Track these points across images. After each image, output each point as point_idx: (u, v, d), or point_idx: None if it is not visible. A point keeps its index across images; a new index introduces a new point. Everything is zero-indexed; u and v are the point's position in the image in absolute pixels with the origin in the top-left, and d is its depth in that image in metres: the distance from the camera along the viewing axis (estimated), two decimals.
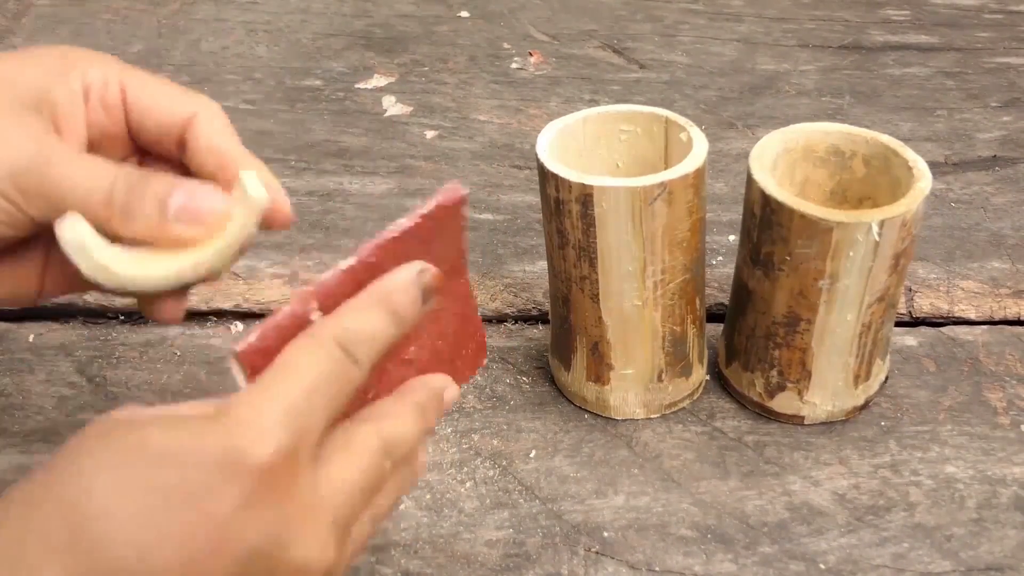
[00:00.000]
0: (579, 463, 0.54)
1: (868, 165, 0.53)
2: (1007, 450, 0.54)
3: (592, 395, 0.56)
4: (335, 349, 0.32)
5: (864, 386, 0.55)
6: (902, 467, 0.53)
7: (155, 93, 0.39)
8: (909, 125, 0.84)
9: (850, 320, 0.51)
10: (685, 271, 0.52)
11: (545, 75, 0.92)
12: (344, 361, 0.33)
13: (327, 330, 0.33)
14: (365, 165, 0.79)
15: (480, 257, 0.69)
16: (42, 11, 1.02)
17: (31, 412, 0.56)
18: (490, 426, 0.56)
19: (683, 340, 0.54)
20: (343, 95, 0.88)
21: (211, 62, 0.93)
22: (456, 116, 0.86)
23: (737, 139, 0.82)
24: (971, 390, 0.58)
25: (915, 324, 0.63)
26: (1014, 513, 0.51)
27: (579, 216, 0.48)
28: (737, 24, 1.02)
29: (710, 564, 0.48)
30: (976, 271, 0.67)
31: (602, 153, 0.55)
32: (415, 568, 0.48)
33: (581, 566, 0.48)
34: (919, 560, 0.48)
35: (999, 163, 0.79)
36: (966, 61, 0.94)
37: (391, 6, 1.05)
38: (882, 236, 0.47)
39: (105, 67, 0.38)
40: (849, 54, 0.96)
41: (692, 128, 0.51)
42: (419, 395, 0.37)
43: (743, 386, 0.56)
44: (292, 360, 0.32)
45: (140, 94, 0.38)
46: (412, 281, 0.35)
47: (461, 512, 0.51)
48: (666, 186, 0.47)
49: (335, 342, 0.32)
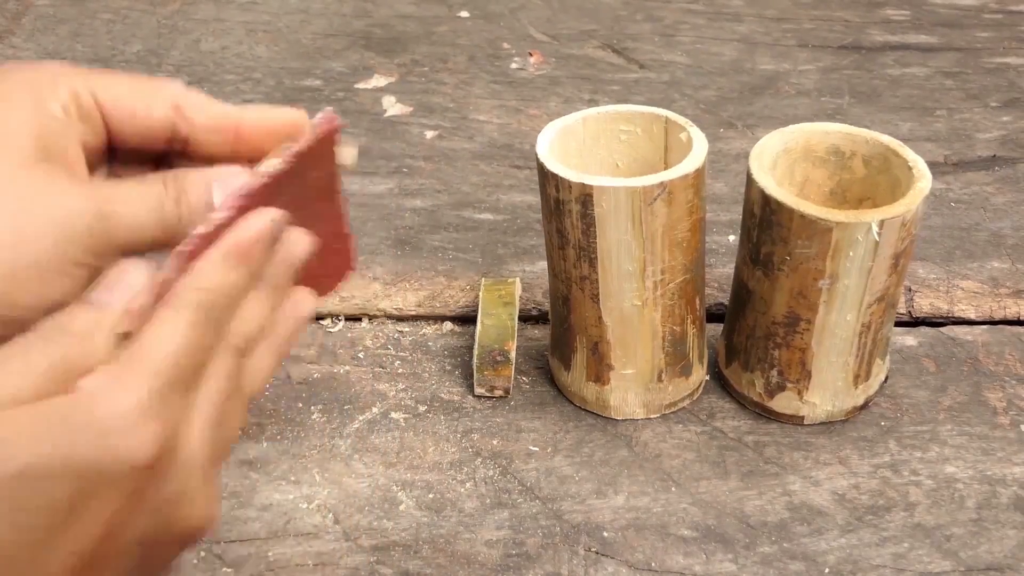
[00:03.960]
0: (579, 463, 0.54)
1: (868, 165, 0.53)
2: (1007, 450, 0.54)
3: (592, 395, 0.56)
4: (195, 314, 0.32)
5: (864, 386, 0.55)
6: (902, 467, 0.53)
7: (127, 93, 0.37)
8: (909, 125, 0.84)
9: (850, 320, 0.51)
10: (685, 271, 0.52)
11: (545, 75, 0.92)
12: (205, 325, 0.32)
13: (185, 296, 0.32)
14: (365, 165, 0.79)
15: (480, 257, 0.69)
16: (42, 11, 1.02)
17: None
18: (490, 426, 0.56)
19: (683, 340, 0.54)
20: (343, 95, 0.88)
21: (211, 62, 0.93)
22: (456, 116, 0.86)
23: (737, 139, 0.82)
24: (971, 390, 0.58)
25: (915, 324, 0.63)
26: (1014, 513, 0.51)
27: (579, 216, 0.48)
28: (737, 24, 1.02)
29: (710, 564, 0.48)
30: (976, 271, 0.67)
31: (602, 153, 0.55)
32: (415, 568, 0.48)
33: (581, 566, 0.48)
34: (919, 560, 0.48)
35: (999, 163, 0.79)
36: (966, 61, 0.94)
37: (391, 6, 1.05)
38: (882, 236, 0.47)
39: (70, 80, 0.36)
40: (849, 54, 0.96)
41: (692, 128, 0.51)
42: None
43: (743, 386, 0.56)
44: (154, 335, 0.31)
45: (114, 99, 0.37)
46: (261, 231, 0.34)
47: (461, 512, 0.51)
48: (666, 186, 0.47)
49: (194, 307, 0.32)
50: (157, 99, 0.37)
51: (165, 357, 0.31)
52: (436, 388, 0.59)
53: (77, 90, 0.36)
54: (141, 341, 0.31)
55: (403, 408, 0.57)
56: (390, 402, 0.58)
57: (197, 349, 0.32)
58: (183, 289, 0.32)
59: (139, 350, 0.31)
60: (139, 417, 0.29)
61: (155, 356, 0.31)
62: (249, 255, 0.34)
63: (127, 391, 0.29)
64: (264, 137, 0.38)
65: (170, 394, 0.31)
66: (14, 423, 0.28)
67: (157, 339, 0.31)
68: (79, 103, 0.36)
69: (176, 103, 0.37)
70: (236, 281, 0.33)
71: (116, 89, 0.37)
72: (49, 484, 0.28)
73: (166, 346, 0.31)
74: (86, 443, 0.28)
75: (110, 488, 0.29)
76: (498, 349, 0.56)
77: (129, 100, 0.37)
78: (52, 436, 0.28)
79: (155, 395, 0.30)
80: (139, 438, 0.29)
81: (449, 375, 0.59)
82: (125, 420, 0.29)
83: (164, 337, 0.31)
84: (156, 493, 0.30)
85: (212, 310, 0.33)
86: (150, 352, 0.31)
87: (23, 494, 0.27)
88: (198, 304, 0.32)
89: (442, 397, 0.58)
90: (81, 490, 0.28)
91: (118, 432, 0.29)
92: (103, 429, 0.29)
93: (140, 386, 0.30)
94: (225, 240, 0.33)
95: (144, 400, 0.30)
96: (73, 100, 0.36)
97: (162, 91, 0.37)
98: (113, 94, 0.37)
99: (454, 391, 0.58)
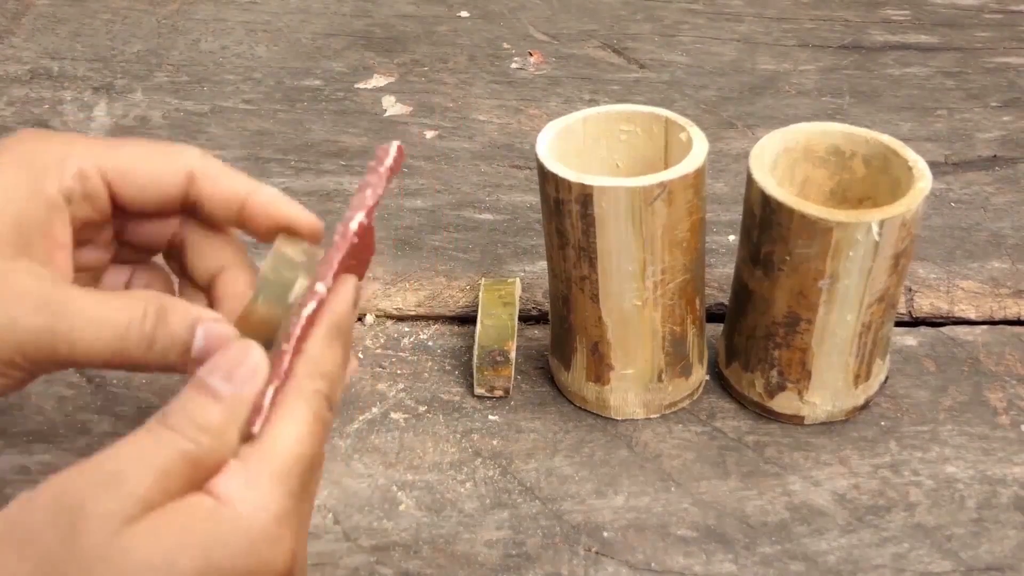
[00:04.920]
0: (579, 463, 0.54)
1: (868, 165, 0.53)
2: (1007, 450, 0.54)
3: (592, 395, 0.56)
4: (318, 405, 0.31)
5: (864, 386, 0.55)
6: (902, 467, 0.53)
7: (140, 166, 0.36)
8: (909, 125, 0.84)
9: (850, 320, 0.51)
10: (685, 271, 0.52)
11: (545, 75, 0.92)
12: (325, 415, 0.31)
13: (307, 386, 0.31)
14: (365, 165, 0.79)
15: (480, 257, 0.69)
16: (42, 11, 1.02)
17: (31, 412, 0.56)
18: (490, 426, 0.56)
19: (683, 340, 0.54)
20: (343, 95, 0.88)
21: (210, 62, 0.93)
22: (456, 116, 0.86)
23: (737, 139, 0.82)
24: (971, 390, 0.58)
25: (915, 324, 0.63)
26: (1014, 513, 0.51)
27: (579, 216, 0.48)
28: (737, 24, 1.02)
29: (710, 564, 0.48)
30: (976, 271, 0.67)
31: (602, 153, 0.55)
32: (415, 568, 0.48)
33: (581, 566, 0.48)
34: (919, 560, 0.48)
35: (999, 163, 0.79)
36: (966, 61, 0.94)
37: (391, 6, 1.05)
38: (882, 236, 0.47)
39: (80, 158, 0.35)
40: (849, 54, 0.96)
41: (692, 128, 0.51)
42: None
43: (743, 386, 0.56)
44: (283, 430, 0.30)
45: (124, 174, 0.36)
46: (353, 301, 0.34)
47: (461, 512, 0.51)
48: (666, 186, 0.47)
49: (316, 398, 0.31)
50: (169, 171, 0.37)
51: (297, 455, 0.29)
52: (436, 388, 0.59)
53: (85, 170, 0.35)
54: (272, 438, 0.30)
55: (403, 408, 0.57)
56: (390, 402, 0.58)
57: (319, 444, 0.31)
58: (307, 377, 0.31)
59: (272, 449, 0.29)
60: (280, 527, 0.28)
61: (287, 455, 0.29)
62: (348, 325, 0.33)
63: (266, 495, 0.28)
64: (267, 223, 0.37)
65: (301, 500, 0.30)
66: (161, 525, 0.27)
67: (288, 436, 0.30)
68: (85, 184, 0.35)
69: (191, 171, 0.37)
70: (342, 357, 0.33)
71: (129, 162, 0.36)
72: None
73: (297, 444, 0.30)
74: (234, 552, 0.27)
75: None
76: (498, 349, 0.56)
77: (141, 174, 0.36)
78: (203, 544, 0.27)
79: (290, 500, 0.29)
80: (282, 547, 0.28)
81: (449, 375, 0.59)
82: (269, 529, 0.28)
83: (293, 433, 0.30)
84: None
85: (330, 396, 0.32)
86: (282, 451, 0.29)
87: None
88: (318, 393, 0.31)
89: (442, 397, 0.58)
90: None
91: (265, 542, 0.28)
92: (250, 538, 0.28)
93: (277, 490, 0.29)
94: (326, 318, 0.32)
95: (282, 507, 0.29)
96: (79, 181, 0.35)
97: (177, 161, 0.37)
98: (125, 168, 0.36)
99: (454, 391, 0.58)
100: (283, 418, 0.30)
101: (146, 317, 0.33)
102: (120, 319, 0.33)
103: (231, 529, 0.28)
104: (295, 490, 0.29)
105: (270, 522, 0.28)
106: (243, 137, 0.80)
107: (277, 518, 0.28)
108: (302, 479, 0.30)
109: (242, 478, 0.29)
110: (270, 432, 0.30)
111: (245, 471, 0.29)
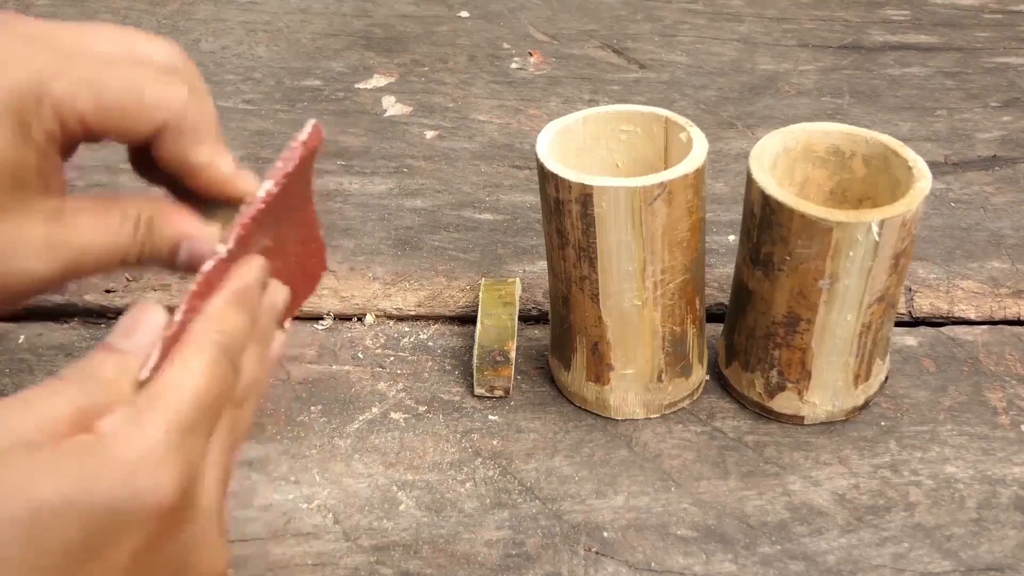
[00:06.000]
0: (579, 463, 0.54)
1: (868, 165, 0.53)
2: (1007, 450, 0.54)
3: (592, 395, 0.56)
4: (215, 355, 0.31)
5: (864, 386, 0.55)
6: (902, 467, 0.53)
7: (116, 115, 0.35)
8: (909, 125, 0.84)
9: (850, 320, 0.51)
10: (685, 271, 0.52)
11: (545, 75, 0.92)
12: (224, 367, 0.32)
13: (204, 337, 0.32)
14: (365, 165, 0.79)
15: (480, 257, 0.69)
16: (42, 11, 1.02)
17: None
18: (490, 426, 0.56)
19: (683, 340, 0.54)
20: (343, 95, 0.88)
21: (211, 62, 0.93)
22: (456, 116, 0.86)
23: (737, 139, 0.82)
24: (971, 390, 0.58)
25: (915, 324, 0.63)
26: (1014, 513, 0.51)
27: (579, 216, 0.48)
28: (737, 24, 1.02)
29: (710, 564, 0.48)
30: (976, 271, 0.67)
31: (602, 153, 0.55)
32: (415, 568, 0.48)
33: (581, 566, 0.48)
34: (919, 560, 0.48)
35: (999, 163, 0.79)
36: (966, 61, 0.94)
37: (391, 6, 1.05)
38: (882, 236, 0.47)
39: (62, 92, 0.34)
40: (849, 54, 0.96)
41: (692, 128, 0.51)
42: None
43: (743, 386, 0.56)
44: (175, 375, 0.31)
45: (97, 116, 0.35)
46: (257, 277, 0.35)
47: (461, 512, 0.51)
48: (666, 186, 0.47)
49: (214, 348, 0.32)
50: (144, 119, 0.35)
51: (187, 397, 0.30)
52: (436, 388, 0.59)
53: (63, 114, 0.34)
54: (162, 382, 0.30)
55: (403, 408, 0.57)
56: (390, 402, 0.58)
57: (217, 391, 0.31)
58: (202, 330, 0.32)
59: (160, 391, 0.30)
60: (161, 457, 0.29)
61: (176, 396, 0.30)
62: (252, 299, 0.34)
63: (148, 430, 0.29)
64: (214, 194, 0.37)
65: (191, 436, 0.30)
66: (33, 461, 0.27)
67: (178, 379, 0.30)
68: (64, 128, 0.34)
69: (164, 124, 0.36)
70: (244, 324, 0.33)
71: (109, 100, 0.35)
72: (66, 524, 0.27)
73: (188, 386, 0.30)
74: (106, 482, 0.27)
75: (130, 530, 0.28)
76: (498, 349, 0.56)
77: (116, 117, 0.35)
78: (70, 475, 0.27)
79: (176, 435, 0.29)
80: (161, 479, 0.28)
81: (449, 375, 0.59)
82: (147, 460, 0.28)
83: (185, 377, 0.31)
84: (175, 537, 0.29)
85: (228, 351, 0.32)
86: (171, 392, 0.30)
87: (39, 533, 0.26)
88: (217, 345, 0.32)
89: (442, 397, 0.58)
90: (99, 531, 0.27)
91: (140, 472, 0.28)
92: (124, 469, 0.28)
93: (160, 426, 0.29)
94: (229, 284, 0.34)
95: (165, 440, 0.29)
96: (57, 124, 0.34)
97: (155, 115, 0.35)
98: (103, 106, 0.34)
99: (454, 391, 0.58)
100: (173, 364, 0.31)
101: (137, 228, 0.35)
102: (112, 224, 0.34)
103: (104, 460, 0.28)
104: (183, 426, 0.30)
105: (148, 450, 0.28)
106: (243, 137, 0.80)
107: (157, 446, 0.29)
108: (192, 417, 0.30)
109: (124, 416, 0.29)
110: (159, 377, 0.31)
111: (129, 411, 0.29)
